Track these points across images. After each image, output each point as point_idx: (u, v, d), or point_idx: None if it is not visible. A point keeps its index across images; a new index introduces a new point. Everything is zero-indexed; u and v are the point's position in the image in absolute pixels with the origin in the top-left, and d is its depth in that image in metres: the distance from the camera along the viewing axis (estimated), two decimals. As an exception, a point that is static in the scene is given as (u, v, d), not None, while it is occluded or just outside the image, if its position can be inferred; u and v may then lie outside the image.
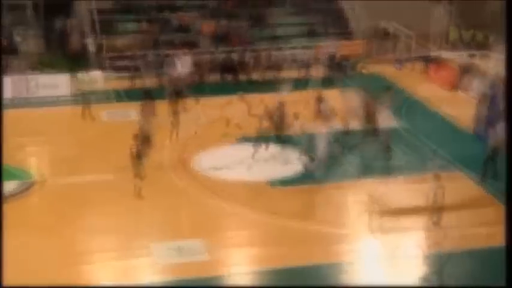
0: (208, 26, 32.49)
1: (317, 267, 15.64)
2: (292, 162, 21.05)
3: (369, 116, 23.97)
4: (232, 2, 34.09)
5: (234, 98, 23.10)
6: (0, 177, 15.81)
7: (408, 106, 26.57)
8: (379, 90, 24.35)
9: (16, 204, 18.11)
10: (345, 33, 33.87)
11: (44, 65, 29.17)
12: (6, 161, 17.36)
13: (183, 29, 32.50)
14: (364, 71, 31.04)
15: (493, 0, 34.34)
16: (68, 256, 15.87)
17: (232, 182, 19.96)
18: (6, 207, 16.20)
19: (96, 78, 26.59)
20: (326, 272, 15.62)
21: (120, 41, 31.06)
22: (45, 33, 31.23)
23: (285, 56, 31.22)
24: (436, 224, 16.45)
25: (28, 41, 30.22)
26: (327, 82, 28.11)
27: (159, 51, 30.42)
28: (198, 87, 27.17)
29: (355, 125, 23.68)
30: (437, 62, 29.66)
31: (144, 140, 18.92)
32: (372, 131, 23.18)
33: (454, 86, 28.28)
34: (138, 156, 18.27)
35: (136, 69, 29.55)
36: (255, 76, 30.09)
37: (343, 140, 22.39)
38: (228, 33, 32.30)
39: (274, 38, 32.72)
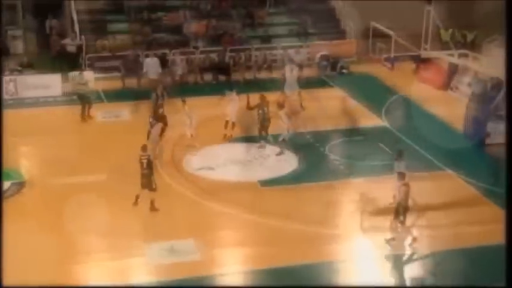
0: (197, 26, 32.41)
1: (308, 267, 15.66)
2: (282, 162, 21.19)
3: (348, 116, 24.25)
4: (218, 3, 34.03)
5: (231, 96, 23.06)
6: (0, 177, 15.52)
7: (397, 105, 26.75)
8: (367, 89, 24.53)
9: (8, 205, 17.77)
10: (332, 33, 33.99)
11: (24, 66, 28.88)
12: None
13: (171, 29, 32.36)
14: (345, 71, 31.13)
15: (472, 0, 34.84)
16: (60, 256, 15.74)
17: (222, 182, 19.93)
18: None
19: (87, 78, 26.20)
20: (317, 271, 15.64)
21: (100, 42, 30.81)
22: (25, 34, 31.01)
23: (267, 56, 31.13)
24: (403, 223, 16.40)
25: (11, 41, 29.89)
26: (308, 82, 28.16)
27: (139, 51, 30.27)
28: (180, 88, 27.11)
29: (336, 124, 24.00)
30: (425, 61, 29.89)
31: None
32: (353, 130, 23.38)
33: (444, 86, 28.51)
34: (149, 168, 17.89)
35: (118, 69, 29.43)
36: (236, 76, 30.04)
37: (325, 140, 22.52)
38: (218, 33, 32.32)
39: (262, 38, 32.69)
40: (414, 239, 16.52)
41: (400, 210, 16.25)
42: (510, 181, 10.99)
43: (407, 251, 16.52)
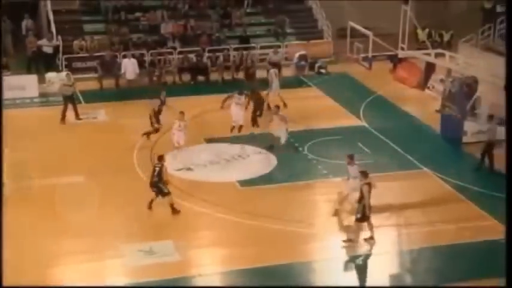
0: (174, 27, 32.30)
1: (288, 266, 15.70)
2: (261, 162, 21.27)
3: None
4: (196, 3, 33.93)
5: (240, 100, 23.04)
6: (1, 177, 15.31)
7: (375, 105, 26.86)
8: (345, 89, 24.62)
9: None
10: (310, 33, 34.01)
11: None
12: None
13: (148, 29, 32.23)
14: (323, 70, 31.20)
15: (449, 0, 35.19)
16: (37, 258, 15.66)
17: (201, 182, 19.90)
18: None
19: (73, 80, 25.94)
20: (297, 271, 15.69)
21: (77, 43, 30.61)
22: (0, 34, 30.65)
23: (245, 57, 31.06)
24: (359, 221, 16.41)
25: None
26: (286, 82, 28.17)
27: (117, 52, 30.14)
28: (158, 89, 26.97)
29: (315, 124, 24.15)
30: (402, 60, 30.04)
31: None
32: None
33: (421, 85, 28.70)
34: (159, 176, 17.71)
35: (95, 70, 29.27)
36: (215, 76, 30.00)
37: (304, 140, 22.60)
38: (196, 33, 32.21)
39: (239, 38, 32.54)
40: (370, 238, 16.59)
41: (360, 209, 16.25)
42: (510, 182, 11.09)
43: (385, 250, 16.61)
